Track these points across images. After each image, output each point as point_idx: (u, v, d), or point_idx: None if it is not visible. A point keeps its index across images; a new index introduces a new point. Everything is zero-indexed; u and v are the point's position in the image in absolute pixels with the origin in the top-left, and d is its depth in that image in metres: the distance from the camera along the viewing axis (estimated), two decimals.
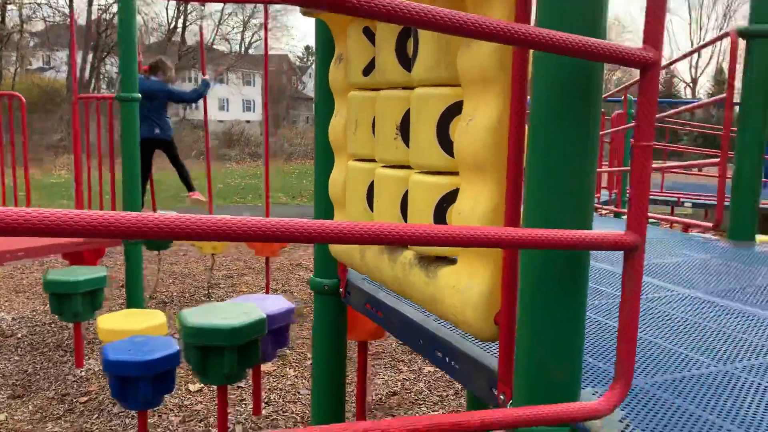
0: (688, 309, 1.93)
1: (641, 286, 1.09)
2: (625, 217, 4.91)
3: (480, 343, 1.52)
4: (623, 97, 5.35)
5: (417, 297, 1.56)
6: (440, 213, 1.45)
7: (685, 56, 4.03)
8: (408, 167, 1.59)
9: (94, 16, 28.75)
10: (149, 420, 3.41)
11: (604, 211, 5.14)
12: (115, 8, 26.78)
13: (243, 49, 40.60)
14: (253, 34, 39.43)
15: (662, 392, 1.32)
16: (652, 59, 1.03)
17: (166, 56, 9.26)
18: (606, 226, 4.00)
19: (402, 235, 0.89)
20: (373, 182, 1.75)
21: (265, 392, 3.91)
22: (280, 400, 3.83)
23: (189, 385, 3.99)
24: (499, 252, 1.29)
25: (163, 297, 5.92)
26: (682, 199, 7.16)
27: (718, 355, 1.54)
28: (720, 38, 3.08)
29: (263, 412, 3.64)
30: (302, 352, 4.65)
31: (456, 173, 1.42)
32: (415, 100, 1.48)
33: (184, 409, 3.68)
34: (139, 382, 2.72)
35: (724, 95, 3.03)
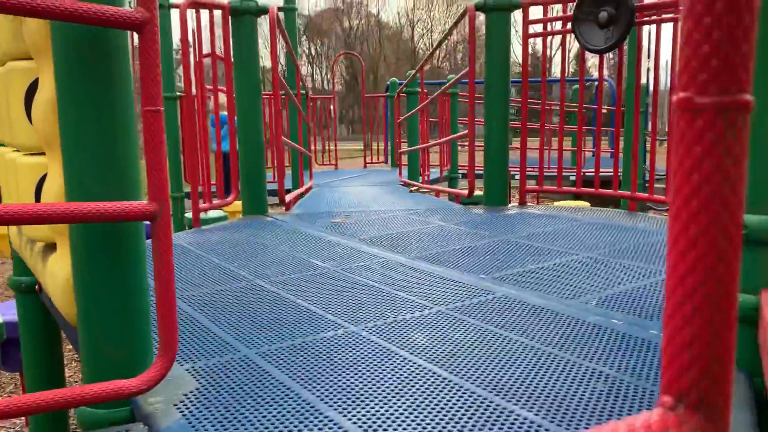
0: (378, 274, 1.97)
1: (172, 254, 1.06)
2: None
3: None
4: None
5: (44, 286, 1.47)
6: (40, 195, 1.36)
7: (440, 44, 4.17)
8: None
9: None
10: None
11: (414, 189, 5.22)
12: None
13: None
14: None
15: (266, 360, 1.32)
16: (142, 20, 0.99)
17: None
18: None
19: None
20: None
21: None
22: None
23: None
24: None
25: None
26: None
27: (360, 318, 1.57)
28: (463, 15, 3.19)
29: None
30: None
31: None
32: (4, 75, 1.38)
33: None
34: None
35: (467, 70, 3.16)
